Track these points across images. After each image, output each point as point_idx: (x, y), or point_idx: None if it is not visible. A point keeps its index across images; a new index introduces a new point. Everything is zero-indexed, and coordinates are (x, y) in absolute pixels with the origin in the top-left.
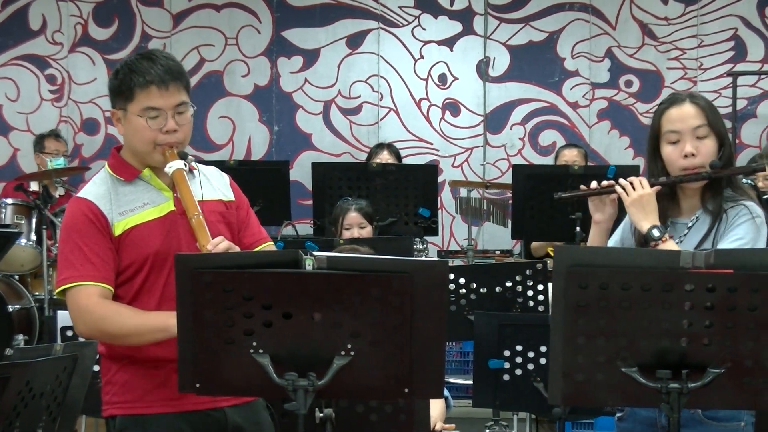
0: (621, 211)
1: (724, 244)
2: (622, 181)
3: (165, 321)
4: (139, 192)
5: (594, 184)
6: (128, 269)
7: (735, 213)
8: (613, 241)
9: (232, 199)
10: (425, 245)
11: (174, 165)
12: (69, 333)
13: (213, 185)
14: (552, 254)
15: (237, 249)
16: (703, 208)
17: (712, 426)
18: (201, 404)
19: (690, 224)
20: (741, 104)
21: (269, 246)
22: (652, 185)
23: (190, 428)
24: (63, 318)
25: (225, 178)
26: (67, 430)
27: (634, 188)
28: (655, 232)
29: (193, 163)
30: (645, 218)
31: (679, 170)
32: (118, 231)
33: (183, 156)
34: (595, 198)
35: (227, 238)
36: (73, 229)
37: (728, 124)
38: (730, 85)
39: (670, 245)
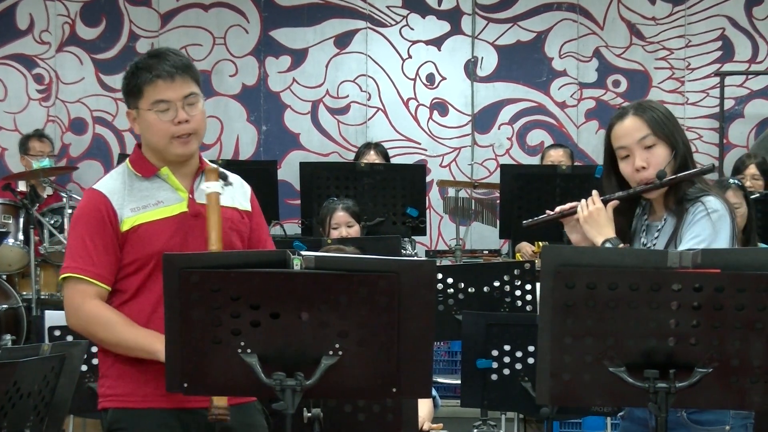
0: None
1: (683, 244)
2: (582, 201)
3: (152, 344)
4: (154, 189)
5: (558, 208)
6: (131, 265)
7: (693, 211)
8: None
9: (248, 209)
10: (414, 246)
11: (212, 187)
12: (57, 333)
13: (230, 193)
14: (520, 258)
15: None
16: (668, 211)
17: (697, 429)
18: (193, 402)
19: (660, 227)
20: (728, 104)
21: None
22: (606, 201)
23: (179, 424)
24: (50, 318)
25: (246, 189)
26: (54, 430)
27: (588, 207)
28: (608, 246)
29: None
30: (598, 233)
31: (636, 184)
32: (126, 227)
33: (223, 177)
34: (566, 220)
35: (238, 246)
36: (82, 220)
37: (716, 124)
38: (718, 85)
39: None
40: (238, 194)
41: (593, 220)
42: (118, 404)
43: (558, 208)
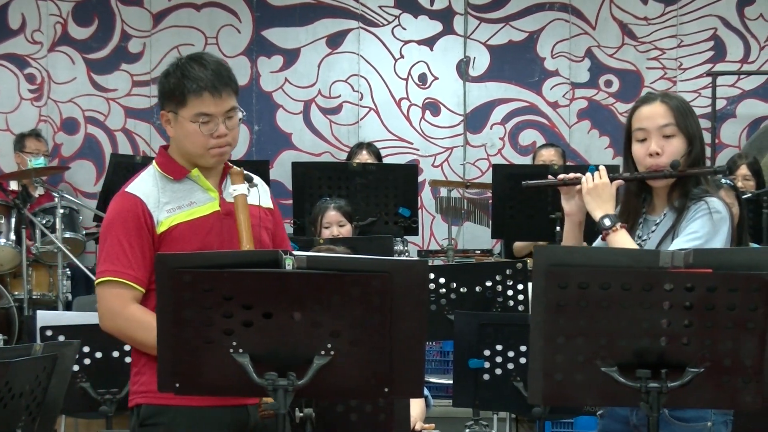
0: None
1: (680, 239)
2: (588, 174)
3: None
4: (186, 191)
5: (561, 175)
6: None
7: (695, 208)
8: (597, 243)
9: (271, 207)
10: (406, 245)
11: (239, 189)
12: (48, 333)
13: (257, 193)
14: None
15: None
16: (669, 206)
17: (679, 426)
18: (224, 400)
19: (658, 221)
20: (720, 104)
21: None
22: (612, 179)
23: (212, 422)
24: (42, 318)
25: (266, 188)
26: (46, 430)
27: (593, 179)
28: (606, 221)
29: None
30: (599, 207)
31: (645, 168)
32: (162, 228)
33: (248, 179)
34: (563, 189)
35: (267, 242)
36: (117, 223)
37: (707, 123)
38: (710, 85)
39: (621, 235)
40: (261, 193)
41: (597, 193)
42: (152, 400)
43: (561, 176)
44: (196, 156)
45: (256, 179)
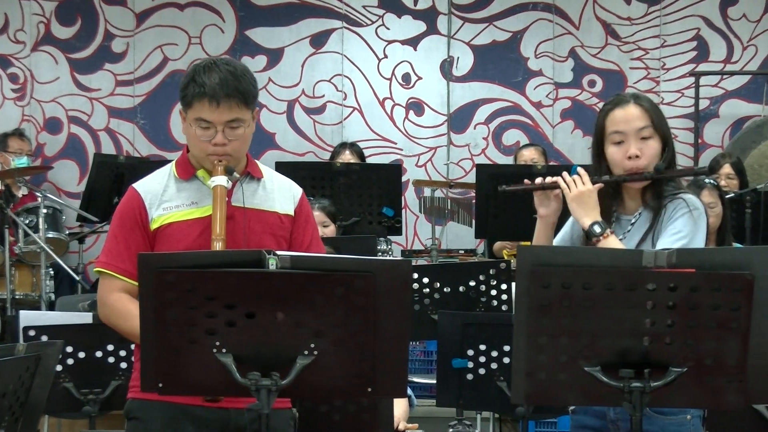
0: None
1: (664, 239)
2: (566, 177)
3: None
4: (191, 190)
5: (539, 179)
6: None
7: (673, 207)
8: (561, 235)
9: (290, 213)
10: (389, 245)
11: (216, 180)
12: (31, 333)
13: (273, 197)
14: (507, 257)
15: None
16: (644, 205)
17: (658, 419)
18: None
19: (633, 220)
20: (703, 104)
21: None
22: (594, 183)
23: (188, 420)
24: (25, 318)
25: (295, 193)
26: (29, 431)
27: (576, 185)
28: (596, 228)
29: (261, 166)
30: (586, 214)
31: (623, 171)
32: (155, 225)
33: (230, 171)
34: (539, 193)
35: (272, 248)
36: (116, 217)
37: (691, 123)
38: (693, 85)
39: (611, 241)
40: (281, 198)
41: (582, 200)
42: (135, 395)
43: (538, 180)
44: (199, 158)
45: (284, 182)
